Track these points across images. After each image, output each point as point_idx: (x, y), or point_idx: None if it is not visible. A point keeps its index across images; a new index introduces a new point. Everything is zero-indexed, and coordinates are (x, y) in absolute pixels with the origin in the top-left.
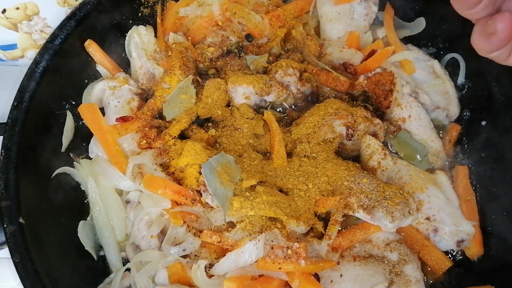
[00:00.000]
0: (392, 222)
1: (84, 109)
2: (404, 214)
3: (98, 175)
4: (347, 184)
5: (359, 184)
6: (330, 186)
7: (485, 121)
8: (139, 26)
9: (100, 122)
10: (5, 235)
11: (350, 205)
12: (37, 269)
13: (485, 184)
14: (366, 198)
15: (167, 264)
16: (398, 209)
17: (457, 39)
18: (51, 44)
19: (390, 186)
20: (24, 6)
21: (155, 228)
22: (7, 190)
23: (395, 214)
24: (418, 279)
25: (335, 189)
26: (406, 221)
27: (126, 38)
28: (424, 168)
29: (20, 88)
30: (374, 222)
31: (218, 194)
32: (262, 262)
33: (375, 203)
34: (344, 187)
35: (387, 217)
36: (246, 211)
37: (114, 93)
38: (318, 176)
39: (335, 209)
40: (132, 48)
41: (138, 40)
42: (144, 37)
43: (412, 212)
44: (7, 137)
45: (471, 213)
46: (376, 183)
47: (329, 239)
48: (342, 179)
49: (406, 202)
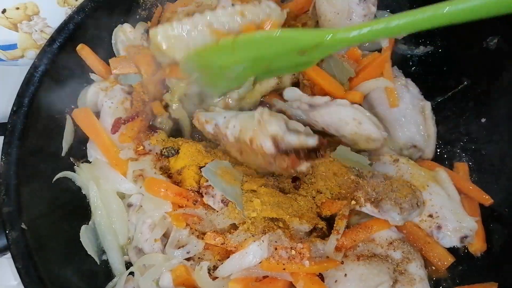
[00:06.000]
0: (400, 214)
1: (77, 114)
2: (412, 205)
3: (99, 179)
4: (354, 178)
5: (366, 178)
6: (337, 183)
7: (484, 118)
8: (124, 24)
9: (96, 126)
10: (8, 241)
11: (357, 199)
12: (40, 275)
13: (485, 180)
14: (373, 191)
15: (171, 267)
16: (407, 200)
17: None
18: (50, 48)
19: (397, 179)
20: (24, 6)
21: (158, 231)
22: (8, 195)
23: (403, 206)
24: (422, 277)
25: (341, 184)
26: (413, 213)
27: (112, 38)
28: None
29: (19, 93)
30: (381, 216)
31: (228, 192)
32: (267, 263)
33: (383, 195)
34: (351, 181)
35: (395, 209)
36: (248, 213)
37: (107, 94)
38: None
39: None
40: (120, 46)
41: (124, 38)
42: (129, 34)
43: (419, 204)
44: (7, 142)
45: (473, 209)
46: (382, 177)
47: (338, 234)
48: (349, 173)
49: (414, 194)
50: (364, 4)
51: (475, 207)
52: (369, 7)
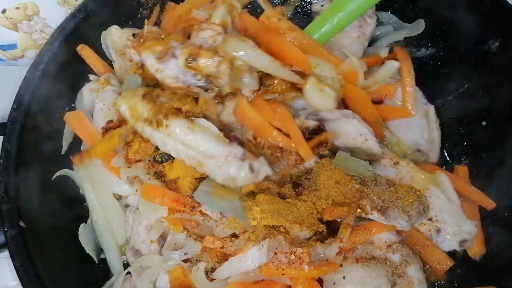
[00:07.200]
0: (408, 222)
1: (70, 117)
2: (420, 212)
3: (95, 180)
4: (358, 187)
5: (370, 186)
6: (341, 192)
7: (485, 121)
8: (111, 27)
9: (89, 129)
10: (6, 239)
11: (362, 208)
12: (38, 273)
13: (486, 184)
14: (379, 199)
15: (168, 268)
16: (414, 208)
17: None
18: (50, 46)
19: (401, 185)
20: (24, 6)
21: (155, 233)
22: (7, 193)
23: (411, 213)
24: (421, 280)
25: (346, 193)
26: (420, 219)
27: (102, 42)
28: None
29: (20, 91)
30: (388, 223)
31: (227, 209)
32: (266, 268)
33: (389, 203)
34: (355, 190)
35: (403, 217)
36: (248, 222)
37: (98, 95)
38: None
39: (346, 213)
40: (111, 50)
41: (110, 41)
42: (115, 36)
43: (426, 210)
44: (6, 140)
45: (472, 212)
46: (386, 184)
47: (341, 241)
48: (352, 181)
49: (420, 200)
50: (359, 17)
51: (475, 210)
52: (365, 19)
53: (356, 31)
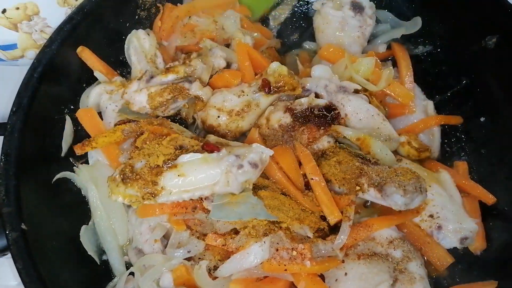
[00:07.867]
0: (403, 196)
1: (82, 114)
2: (416, 188)
3: (99, 180)
4: (358, 164)
5: (371, 164)
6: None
7: (484, 117)
8: (139, 30)
9: (99, 127)
10: (8, 242)
11: (360, 185)
12: (40, 275)
13: (485, 179)
14: (378, 176)
15: (171, 267)
16: (410, 183)
17: (454, 37)
18: (49, 48)
19: (402, 167)
20: (24, 6)
21: (158, 232)
22: (8, 196)
23: (407, 188)
24: (422, 276)
25: (346, 170)
26: (416, 200)
27: (126, 43)
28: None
29: (19, 93)
30: (384, 202)
31: (245, 213)
32: (268, 264)
33: (387, 180)
34: (355, 168)
35: (398, 191)
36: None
37: (111, 97)
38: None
39: (347, 191)
40: (132, 52)
41: (137, 44)
42: (143, 41)
43: (423, 191)
44: (6, 143)
45: (473, 210)
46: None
47: (349, 220)
48: (354, 160)
49: (418, 179)
50: (360, 17)
51: (475, 208)
52: (366, 20)
53: (356, 32)
